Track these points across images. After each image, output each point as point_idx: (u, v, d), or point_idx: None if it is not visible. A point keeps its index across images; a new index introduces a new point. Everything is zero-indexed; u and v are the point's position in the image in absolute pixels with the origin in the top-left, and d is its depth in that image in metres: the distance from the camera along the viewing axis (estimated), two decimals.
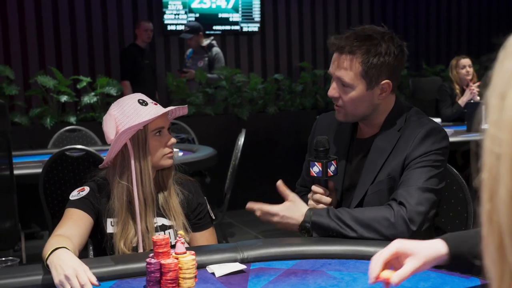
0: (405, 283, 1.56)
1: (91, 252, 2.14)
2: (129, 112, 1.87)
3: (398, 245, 1.31)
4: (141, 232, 1.89)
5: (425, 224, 1.81)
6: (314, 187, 1.96)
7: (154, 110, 1.90)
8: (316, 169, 1.91)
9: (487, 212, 0.56)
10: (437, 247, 1.32)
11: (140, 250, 1.89)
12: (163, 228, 1.96)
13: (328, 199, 1.94)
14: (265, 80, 6.67)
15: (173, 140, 1.96)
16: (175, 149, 3.88)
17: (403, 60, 1.95)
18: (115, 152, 1.90)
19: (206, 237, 2.05)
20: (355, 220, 1.81)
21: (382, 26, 1.98)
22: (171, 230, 1.96)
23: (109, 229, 1.91)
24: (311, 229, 1.86)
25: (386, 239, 1.78)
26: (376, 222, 1.79)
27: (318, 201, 1.94)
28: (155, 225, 1.96)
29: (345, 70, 1.89)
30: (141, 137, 1.89)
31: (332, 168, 1.92)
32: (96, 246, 2.01)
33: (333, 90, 1.95)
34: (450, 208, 2.16)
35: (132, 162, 1.88)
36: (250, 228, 5.28)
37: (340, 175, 2.01)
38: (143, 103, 1.90)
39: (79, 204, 1.88)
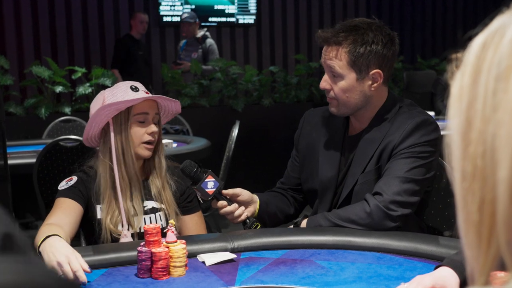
0: (391, 273, 1.59)
1: (83, 241, 2.16)
2: (118, 94, 1.90)
3: (430, 280, 1.38)
4: (124, 211, 1.91)
5: (406, 211, 1.83)
6: (213, 206, 1.98)
7: (142, 96, 1.92)
8: (199, 193, 1.94)
9: (478, 201, 0.56)
10: (456, 277, 1.40)
11: (125, 229, 1.91)
12: (153, 211, 1.99)
13: (232, 208, 1.95)
14: (260, 72, 6.68)
15: (153, 128, 1.95)
16: (169, 140, 3.93)
17: (393, 49, 1.94)
18: (95, 128, 1.94)
19: (195, 220, 2.08)
20: (337, 216, 1.87)
21: (373, 18, 1.99)
22: (161, 213, 1.99)
23: (99, 214, 1.94)
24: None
25: (370, 229, 1.83)
26: (354, 214, 1.84)
27: (226, 214, 1.96)
28: (145, 208, 1.98)
29: (334, 60, 1.90)
30: (123, 118, 1.92)
31: (211, 184, 1.91)
32: (87, 235, 2.03)
33: (324, 82, 1.96)
34: (440, 201, 2.18)
35: (113, 141, 1.91)
36: None
37: (334, 172, 2.01)
38: (134, 89, 1.93)
39: (68, 193, 1.90)
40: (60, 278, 0.56)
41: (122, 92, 1.91)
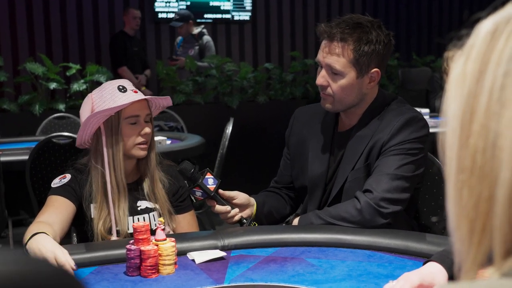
0: (381, 271, 1.59)
1: (75, 239, 2.15)
2: (106, 97, 1.88)
3: (418, 277, 1.37)
4: (114, 216, 1.90)
5: (397, 208, 1.83)
6: (209, 203, 1.95)
7: (131, 97, 1.89)
8: (198, 193, 1.91)
9: (475, 198, 0.55)
10: (445, 272, 1.39)
11: (114, 234, 1.90)
12: (147, 211, 1.98)
13: (224, 208, 1.93)
14: (255, 69, 6.66)
15: (147, 130, 1.92)
16: (162, 137, 3.92)
17: (391, 49, 1.95)
18: (87, 134, 1.92)
19: (188, 219, 2.08)
20: (329, 214, 1.87)
21: (367, 16, 1.98)
22: (154, 213, 1.98)
23: (93, 213, 1.93)
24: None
25: (361, 227, 1.82)
26: (345, 212, 1.84)
27: (220, 213, 1.94)
28: (138, 208, 1.97)
29: (336, 57, 1.87)
30: (114, 123, 1.89)
31: (211, 181, 1.90)
32: (80, 233, 2.02)
33: (321, 79, 1.92)
34: (432, 198, 2.18)
35: (104, 147, 1.89)
36: None
37: (323, 169, 2.01)
38: (122, 89, 1.89)
39: (61, 191, 1.89)
40: (57, 268, 0.56)
41: (110, 95, 1.87)
